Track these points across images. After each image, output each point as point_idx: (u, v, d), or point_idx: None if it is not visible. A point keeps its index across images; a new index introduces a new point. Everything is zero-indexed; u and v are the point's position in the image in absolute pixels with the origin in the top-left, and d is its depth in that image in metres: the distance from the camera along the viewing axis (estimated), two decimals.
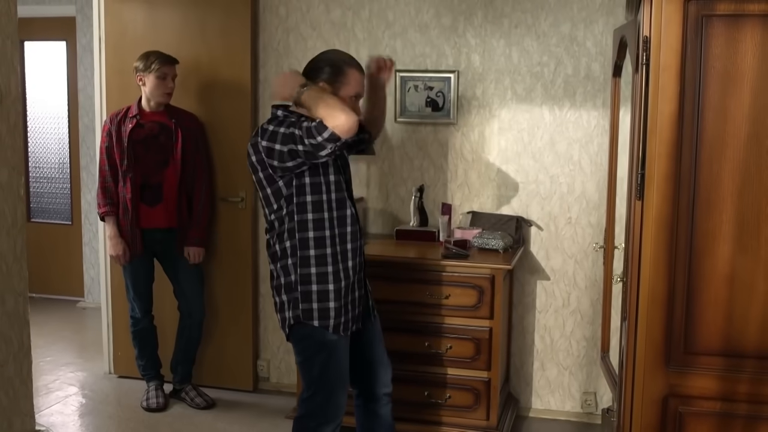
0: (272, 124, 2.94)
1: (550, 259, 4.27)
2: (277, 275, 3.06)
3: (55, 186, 6.80)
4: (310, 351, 3.06)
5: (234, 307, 4.66)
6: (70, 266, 6.69)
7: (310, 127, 2.78)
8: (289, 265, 3.01)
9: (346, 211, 3.04)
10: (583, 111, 4.13)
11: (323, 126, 2.75)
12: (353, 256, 3.06)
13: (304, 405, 3.12)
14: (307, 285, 2.99)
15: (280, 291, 3.06)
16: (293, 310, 3.02)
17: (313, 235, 2.97)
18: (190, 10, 4.52)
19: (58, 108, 6.69)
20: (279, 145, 2.86)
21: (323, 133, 2.74)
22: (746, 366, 2.50)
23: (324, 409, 3.08)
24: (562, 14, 4.11)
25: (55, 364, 5.13)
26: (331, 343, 3.03)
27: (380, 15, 4.34)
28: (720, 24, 2.41)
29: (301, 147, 2.81)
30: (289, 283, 3.02)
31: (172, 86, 4.23)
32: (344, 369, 3.11)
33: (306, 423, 3.11)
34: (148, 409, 4.34)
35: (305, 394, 3.11)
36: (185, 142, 4.24)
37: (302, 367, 3.12)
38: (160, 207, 4.25)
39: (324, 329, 3.00)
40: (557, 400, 4.36)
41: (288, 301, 3.03)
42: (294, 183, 2.94)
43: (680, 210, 2.49)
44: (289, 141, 2.84)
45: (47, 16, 6.46)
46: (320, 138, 2.75)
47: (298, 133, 2.81)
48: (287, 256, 3.01)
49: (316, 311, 2.99)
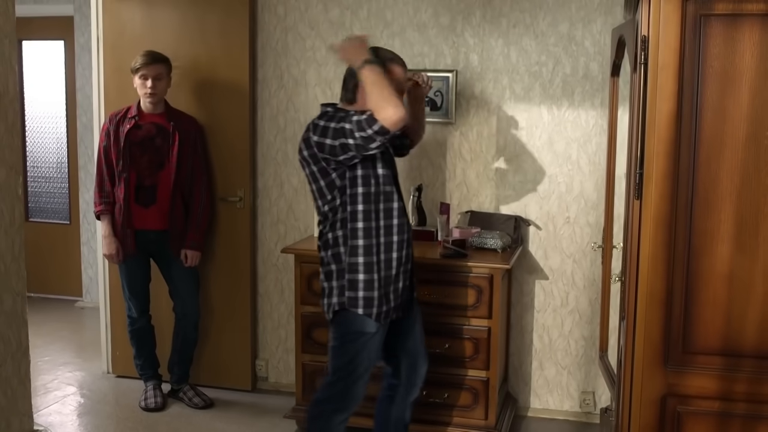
0: (323, 120, 3.08)
1: (549, 259, 4.27)
2: (327, 262, 3.18)
3: (53, 185, 6.80)
4: (347, 338, 3.16)
5: (232, 306, 4.65)
6: (68, 266, 6.69)
7: (360, 120, 2.91)
8: (339, 253, 3.12)
9: (394, 204, 3.16)
10: (581, 110, 4.13)
11: (373, 119, 2.87)
12: (398, 248, 3.18)
13: (325, 389, 3.25)
14: (354, 273, 3.10)
15: (329, 277, 3.17)
16: (339, 297, 3.13)
17: (362, 226, 3.09)
18: (189, 10, 4.51)
19: (56, 107, 6.68)
20: (330, 140, 3.00)
21: (373, 126, 2.87)
22: (745, 365, 2.50)
23: (343, 396, 3.20)
24: (560, 14, 4.11)
25: (53, 364, 5.13)
26: (369, 335, 3.15)
27: (378, 14, 4.34)
28: (718, 23, 2.41)
29: (351, 141, 2.94)
30: (338, 271, 3.14)
31: (151, 86, 4.17)
32: (373, 361, 3.23)
33: (323, 406, 3.24)
34: (146, 408, 4.34)
35: (330, 379, 3.23)
36: (182, 145, 4.23)
37: (334, 351, 3.22)
38: (154, 208, 4.24)
39: (367, 317, 3.11)
40: (556, 399, 4.36)
41: (334, 288, 3.14)
42: (347, 175, 3.07)
43: (679, 209, 2.49)
44: (339, 135, 2.97)
45: (45, 16, 6.45)
46: (370, 131, 2.88)
47: (349, 126, 2.94)
48: (338, 245, 3.12)
49: (361, 299, 3.10)
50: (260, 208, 4.65)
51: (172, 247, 4.28)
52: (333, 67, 4.42)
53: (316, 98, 4.47)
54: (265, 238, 4.66)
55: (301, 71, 4.49)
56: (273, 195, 4.62)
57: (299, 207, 4.58)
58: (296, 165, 4.54)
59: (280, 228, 4.63)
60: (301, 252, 4.03)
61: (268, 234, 4.66)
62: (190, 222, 4.30)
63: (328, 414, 3.22)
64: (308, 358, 4.05)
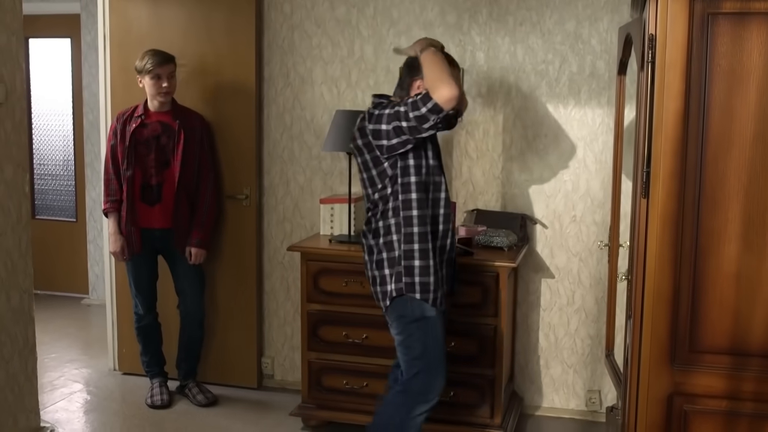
0: (377, 109, 3.16)
1: (555, 257, 4.26)
2: (379, 250, 3.23)
3: (60, 183, 6.81)
4: (411, 328, 3.19)
5: (239, 304, 4.66)
6: (75, 263, 6.71)
7: (415, 99, 2.99)
8: (393, 240, 3.18)
9: (441, 194, 3.24)
10: (587, 109, 4.13)
11: (428, 97, 2.95)
12: (444, 236, 3.25)
13: (405, 385, 3.24)
14: (410, 260, 3.14)
15: (381, 265, 3.22)
16: (396, 283, 3.17)
17: (417, 213, 3.14)
18: (195, 8, 4.52)
19: (62, 105, 6.70)
20: (385, 125, 3.08)
21: (427, 104, 2.94)
22: (752, 364, 2.50)
23: (425, 388, 3.22)
24: (566, 12, 4.10)
25: (59, 361, 5.15)
26: (431, 319, 3.18)
27: (385, 12, 4.34)
28: (726, 22, 2.40)
29: (405, 123, 3.01)
30: (392, 258, 3.18)
31: (166, 85, 4.20)
32: (443, 347, 3.26)
33: (404, 398, 3.23)
34: (152, 406, 4.36)
35: (407, 375, 3.23)
36: (187, 143, 4.23)
37: (403, 346, 3.24)
38: (159, 207, 4.25)
39: (424, 302, 3.15)
40: (561, 398, 4.36)
41: (390, 275, 3.19)
42: (399, 164, 3.13)
43: (686, 208, 2.49)
44: (393, 119, 3.05)
45: (52, 14, 6.47)
46: (424, 109, 2.95)
47: (403, 109, 3.02)
48: (391, 233, 3.18)
49: (418, 285, 3.14)
50: (266, 206, 4.66)
51: (177, 245, 4.29)
52: (339, 65, 4.43)
53: (322, 96, 4.47)
54: (271, 236, 4.67)
55: (308, 69, 4.49)
56: (279, 193, 4.62)
57: (305, 205, 4.58)
58: (302, 163, 4.54)
59: (286, 226, 4.64)
60: (307, 250, 4.03)
61: (274, 232, 4.66)
62: (195, 220, 4.31)
63: (409, 409, 3.22)
64: (314, 355, 4.05)
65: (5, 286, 3.54)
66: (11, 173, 3.55)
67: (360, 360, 3.99)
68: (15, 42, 3.54)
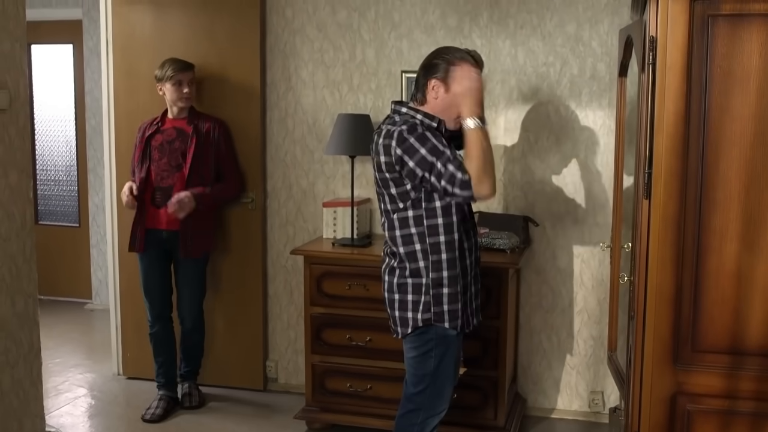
0: (407, 131, 2.89)
1: (557, 259, 4.28)
2: (402, 274, 3.05)
3: (63, 188, 6.83)
4: (430, 345, 3.06)
5: (244, 307, 4.67)
6: (78, 268, 6.72)
7: (455, 175, 2.81)
8: (419, 268, 3.01)
9: (465, 208, 3.11)
10: (588, 111, 4.14)
11: (468, 185, 2.81)
12: (469, 255, 3.10)
13: (412, 400, 3.14)
14: (439, 288, 3.00)
15: (404, 290, 3.05)
16: (423, 313, 3.02)
17: (444, 240, 2.99)
18: (198, 13, 4.54)
19: (65, 111, 6.72)
20: (413, 164, 2.87)
21: (464, 192, 2.82)
22: (754, 364, 2.51)
23: (433, 402, 3.13)
24: (567, 14, 4.12)
25: (64, 366, 5.16)
26: (451, 338, 3.08)
27: (386, 16, 4.36)
28: (726, 24, 2.42)
29: (434, 179, 2.85)
30: (418, 285, 3.03)
31: (187, 91, 4.26)
32: (456, 363, 3.16)
33: (414, 417, 3.15)
34: (143, 419, 4.30)
35: (414, 389, 3.13)
36: (198, 147, 4.25)
37: (416, 361, 3.11)
38: (166, 209, 4.26)
39: (453, 329, 3.05)
40: (564, 399, 4.37)
41: (415, 302, 3.03)
42: (423, 188, 2.95)
43: (687, 208, 2.50)
44: (425, 167, 2.86)
45: (54, 20, 6.49)
46: (457, 191, 2.83)
47: (440, 168, 2.83)
48: (417, 259, 3.01)
49: (447, 314, 3.02)
50: (269, 210, 4.67)
51: (180, 248, 4.28)
52: (341, 68, 4.44)
53: (324, 100, 4.49)
54: (275, 240, 4.68)
55: (309, 73, 4.51)
56: (282, 197, 4.63)
57: (308, 209, 4.59)
58: (305, 167, 4.56)
59: (288, 230, 4.65)
60: (310, 253, 4.05)
61: (277, 236, 4.67)
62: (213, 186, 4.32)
63: (421, 423, 3.15)
64: (317, 359, 4.06)
65: (10, 291, 3.54)
66: (16, 179, 3.56)
67: (363, 363, 4.00)
68: (18, 48, 3.55)
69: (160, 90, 4.26)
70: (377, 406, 3.99)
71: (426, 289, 3.01)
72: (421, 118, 3.00)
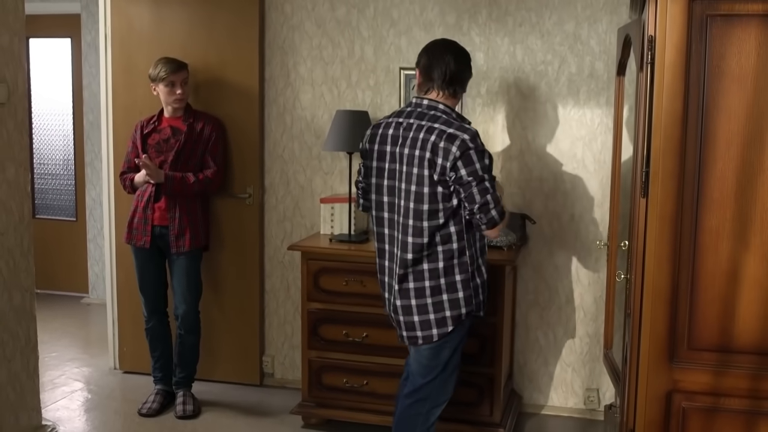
0: (468, 137, 2.97)
1: (554, 256, 4.29)
2: (433, 276, 3.08)
3: (60, 183, 6.83)
4: (447, 337, 3.12)
5: (241, 302, 4.68)
6: (75, 262, 6.72)
7: (493, 213, 2.97)
8: (453, 265, 3.07)
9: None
10: (586, 109, 4.15)
11: (494, 222, 2.98)
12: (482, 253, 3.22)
13: (421, 390, 3.20)
14: (475, 279, 3.12)
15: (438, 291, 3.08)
16: (467, 306, 3.10)
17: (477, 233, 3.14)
18: (197, 7, 4.53)
19: (62, 105, 6.71)
20: (465, 172, 2.96)
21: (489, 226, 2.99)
22: (749, 362, 2.52)
23: (439, 392, 3.20)
24: (566, 13, 4.12)
25: (60, 360, 5.16)
26: (466, 328, 3.20)
27: (385, 13, 4.36)
28: (724, 23, 2.43)
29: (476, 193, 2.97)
30: (452, 283, 3.08)
31: (180, 92, 4.22)
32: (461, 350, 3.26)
33: (420, 407, 3.21)
34: (139, 413, 4.30)
35: (423, 380, 3.19)
36: (186, 144, 4.22)
37: (431, 353, 3.16)
38: (158, 205, 4.25)
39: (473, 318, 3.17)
40: (560, 396, 4.38)
41: (452, 300, 3.08)
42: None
43: (684, 207, 2.51)
44: (476, 178, 2.96)
45: (52, 14, 6.48)
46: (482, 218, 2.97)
47: (491, 191, 2.97)
48: (452, 257, 3.06)
49: (483, 304, 3.18)
50: (267, 206, 4.67)
51: (170, 243, 4.25)
52: (339, 65, 4.45)
53: (322, 96, 4.49)
54: (272, 236, 4.69)
55: (308, 69, 4.51)
56: (279, 192, 4.64)
57: (305, 205, 4.60)
58: (303, 162, 4.56)
59: (286, 225, 4.65)
60: (307, 249, 4.05)
61: (275, 231, 4.68)
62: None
63: (427, 412, 3.20)
64: (314, 354, 4.07)
65: (7, 285, 3.55)
66: (13, 173, 3.56)
67: (360, 358, 4.01)
68: (17, 42, 3.56)
69: (154, 90, 4.24)
70: (373, 401, 4.00)
71: (465, 285, 3.09)
72: (455, 116, 3.08)
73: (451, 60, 3.12)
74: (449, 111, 3.08)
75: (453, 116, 3.06)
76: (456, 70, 3.12)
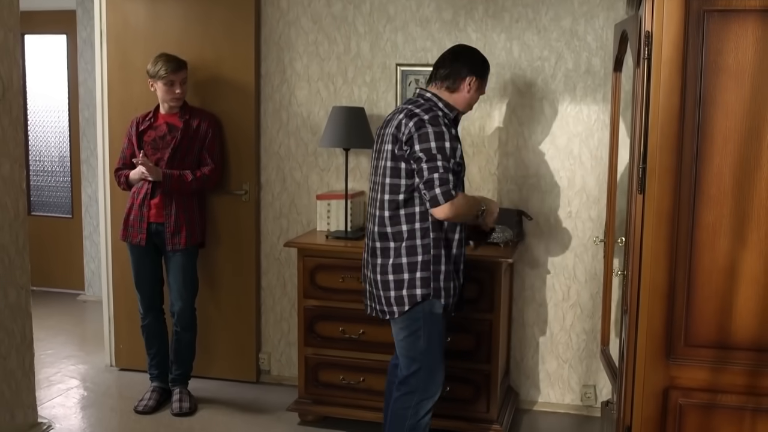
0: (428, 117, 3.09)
1: (551, 253, 4.28)
2: (396, 254, 3.17)
3: (56, 179, 6.81)
4: (418, 324, 3.19)
5: (237, 299, 4.67)
6: (71, 260, 6.71)
7: (437, 191, 3.03)
8: (416, 245, 3.15)
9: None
10: (583, 105, 4.14)
11: (436, 201, 3.03)
12: (458, 246, 3.25)
13: (406, 383, 3.26)
14: (438, 265, 3.16)
15: (399, 269, 3.16)
16: (422, 288, 3.14)
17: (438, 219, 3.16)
18: (193, 3, 4.52)
19: (58, 101, 6.69)
20: (418, 147, 3.06)
21: (432, 204, 3.04)
22: (746, 358, 2.52)
23: (426, 384, 3.24)
24: (562, 9, 4.12)
25: (56, 357, 5.15)
26: (438, 316, 3.21)
27: (381, 9, 4.35)
28: (721, 19, 2.42)
29: (426, 170, 3.05)
30: (413, 263, 3.15)
31: (179, 92, 4.21)
32: (443, 344, 3.28)
33: (408, 400, 3.25)
34: (135, 410, 4.29)
35: (407, 371, 3.25)
36: (182, 140, 4.21)
37: (407, 342, 3.24)
38: (153, 202, 4.24)
39: (437, 300, 3.18)
40: (557, 393, 4.38)
41: (411, 279, 3.15)
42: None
43: (681, 203, 2.51)
44: (429, 158, 3.05)
45: (47, 10, 6.47)
46: (427, 196, 3.05)
47: (440, 171, 3.03)
48: (415, 237, 3.15)
49: (443, 290, 3.18)
50: (263, 202, 4.66)
51: (166, 240, 4.24)
52: (335, 61, 4.44)
53: (318, 92, 4.48)
54: (268, 233, 4.68)
55: (304, 65, 4.50)
56: (276, 189, 4.63)
57: (301, 201, 4.59)
58: (299, 159, 4.55)
59: (282, 222, 4.65)
60: (304, 246, 4.04)
61: (271, 228, 4.67)
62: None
63: (416, 405, 3.24)
64: (311, 351, 4.07)
65: (2, 283, 3.54)
66: (8, 169, 3.55)
67: (356, 355, 4.01)
68: (12, 38, 3.54)
69: (152, 86, 4.22)
70: (369, 398, 4.00)
71: (423, 265, 3.13)
72: (441, 106, 3.20)
73: (455, 58, 3.27)
74: (435, 100, 3.21)
75: (437, 105, 3.19)
76: (452, 66, 3.25)
